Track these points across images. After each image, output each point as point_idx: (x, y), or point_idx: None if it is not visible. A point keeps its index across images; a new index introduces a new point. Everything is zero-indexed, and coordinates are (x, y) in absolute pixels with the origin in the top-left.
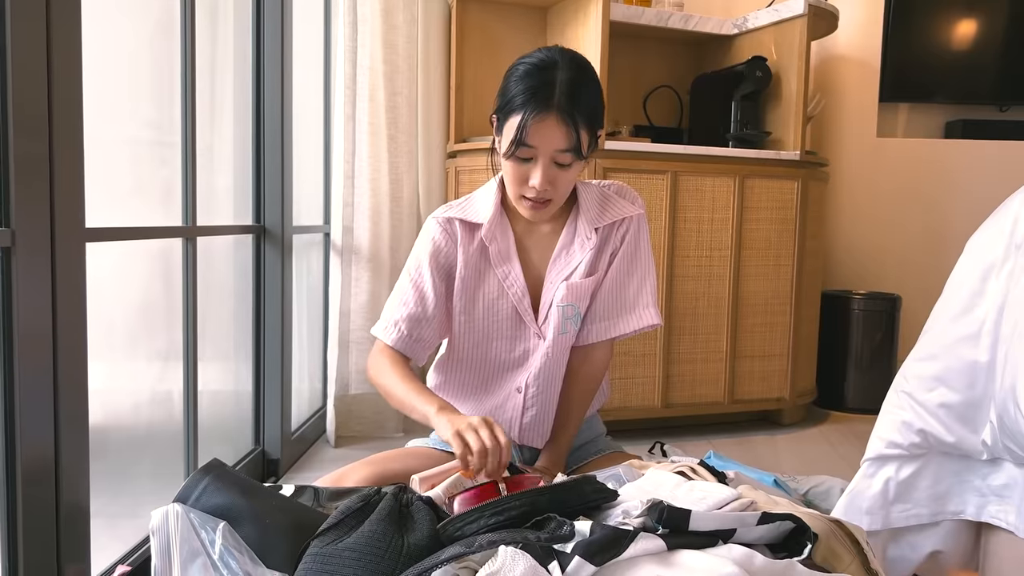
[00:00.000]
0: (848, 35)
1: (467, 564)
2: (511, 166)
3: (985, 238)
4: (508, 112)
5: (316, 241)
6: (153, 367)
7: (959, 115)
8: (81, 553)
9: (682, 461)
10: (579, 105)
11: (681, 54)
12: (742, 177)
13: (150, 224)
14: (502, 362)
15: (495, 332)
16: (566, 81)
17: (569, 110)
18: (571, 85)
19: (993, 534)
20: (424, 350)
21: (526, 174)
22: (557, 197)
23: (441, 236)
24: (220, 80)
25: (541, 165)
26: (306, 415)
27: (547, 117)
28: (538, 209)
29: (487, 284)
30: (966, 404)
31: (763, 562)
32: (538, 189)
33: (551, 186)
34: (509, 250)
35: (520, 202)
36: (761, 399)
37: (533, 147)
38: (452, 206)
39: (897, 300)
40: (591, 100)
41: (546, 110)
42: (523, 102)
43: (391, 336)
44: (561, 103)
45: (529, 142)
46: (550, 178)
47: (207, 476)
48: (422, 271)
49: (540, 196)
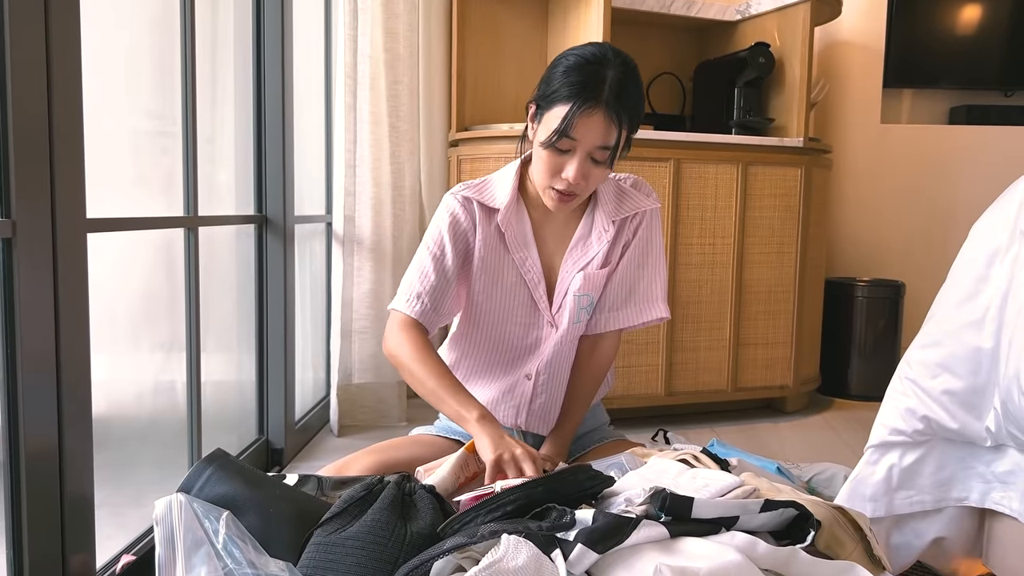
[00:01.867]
0: (852, 20)
1: (470, 554)
2: (547, 156)
3: (989, 224)
4: (552, 102)
5: (318, 230)
6: (156, 357)
7: (963, 100)
8: (86, 543)
9: (685, 449)
10: (625, 105)
11: (683, 40)
12: (745, 164)
13: (152, 214)
14: (515, 347)
15: (510, 316)
16: (616, 79)
17: (616, 108)
18: (620, 84)
19: (997, 520)
20: (442, 320)
21: (561, 166)
22: (584, 193)
23: (460, 211)
24: (221, 69)
25: (578, 159)
26: (310, 404)
27: (594, 112)
28: (564, 202)
29: (505, 268)
30: (970, 391)
31: (766, 549)
32: (571, 182)
33: (583, 180)
34: (526, 236)
35: (546, 192)
36: (764, 387)
37: (575, 140)
38: (470, 186)
39: (901, 287)
40: (637, 101)
41: (595, 105)
42: (571, 94)
43: (414, 308)
44: (610, 100)
45: (572, 134)
46: (584, 172)
47: (211, 466)
48: (443, 244)
49: (570, 190)
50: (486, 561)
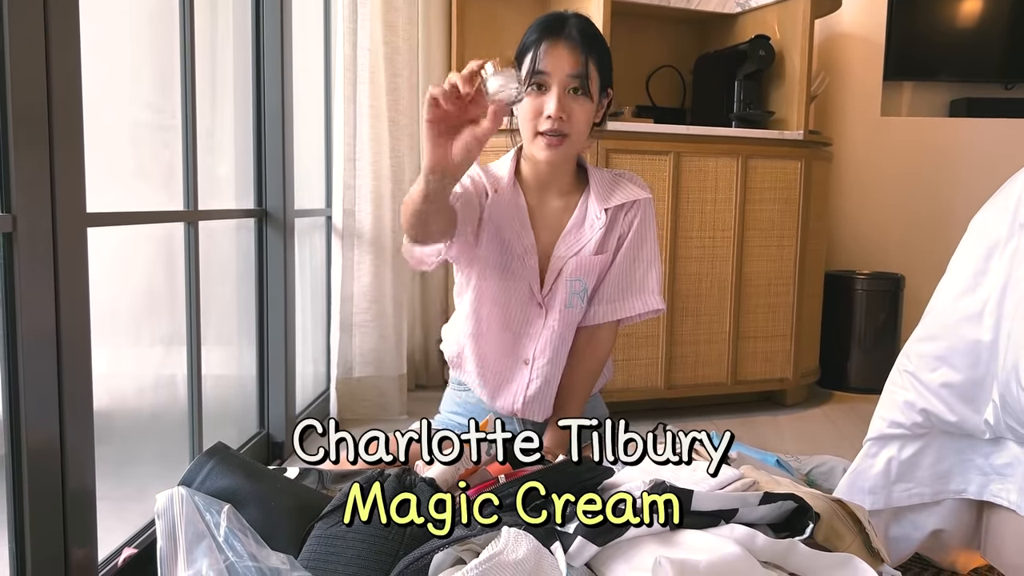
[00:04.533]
0: (852, 13)
1: (470, 546)
2: (528, 102)
3: (989, 217)
4: (524, 52)
5: (318, 224)
6: (157, 351)
7: (964, 93)
8: (88, 536)
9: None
10: (588, 38)
11: (683, 33)
12: (745, 157)
13: (152, 209)
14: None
15: (512, 295)
16: (577, 22)
17: (579, 40)
18: (581, 25)
19: (995, 513)
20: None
21: (541, 105)
22: (573, 133)
23: (476, 173)
24: (220, 62)
25: (555, 93)
26: (310, 398)
27: (558, 43)
28: (554, 146)
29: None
30: (969, 383)
31: (765, 542)
32: (553, 116)
33: (566, 116)
34: (523, 219)
35: (535, 141)
36: (764, 379)
37: (547, 73)
38: (471, 171)
39: (900, 280)
40: (600, 47)
41: (557, 37)
42: (537, 36)
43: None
44: (571, 33)
45: (542, 67)
46: (564, 107)
47: (212, 459)
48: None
49: (555, 127)
50: (486, 554)
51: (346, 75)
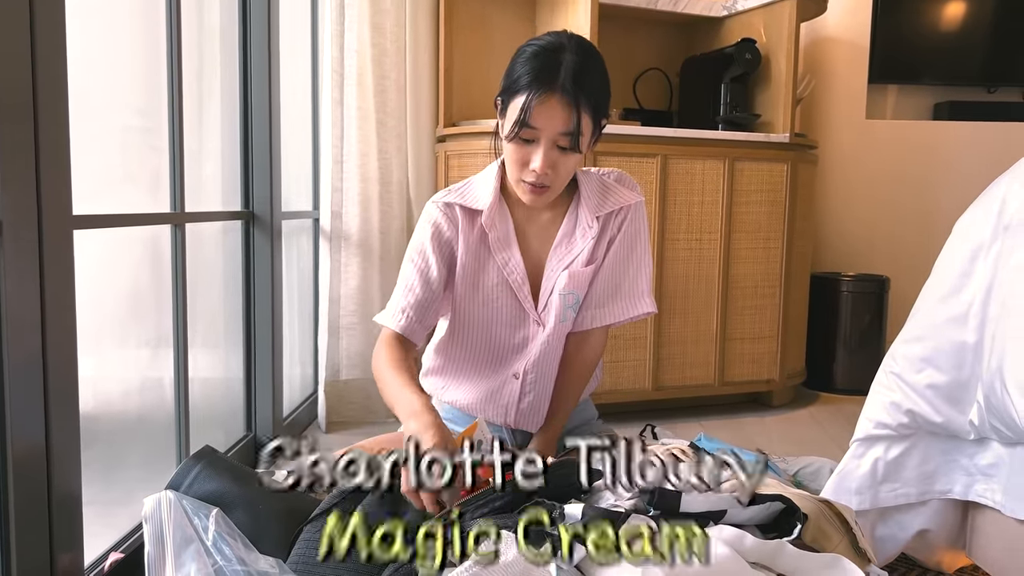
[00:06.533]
0: (837, 16)
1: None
2: (513, 148)
3: (973, 220)
4: (512, 93)
5: (305, 227)
6: (143, 354)
7: (948, 96)
8: (74, 541)
9: (673, 443)
10: (583, 89)
11: (670, 36)
12: (732, 160)
13: (138, 211)
14: (502, 348)
15: (495, 319)
16: (573, 64)
17: (573, 92)
18: (578, 68)
19: (980, 513)
20: (428, 329)
21: (527, 157)
22: (557, 183)
23: (442, 220)
24: (207, 65)
25: (543, 148)
26: (298, 401)
27: (551, 98)
28: (537, 194)
29: (487, 271)
30: (954, 385)
31: (753, 542)
32: (538, 172)
33: (552, 170)
34: (509, 237)
35: (519, 185)
36: (751, 381)
37: (536, 128)
38: (451, 191)
39: (886, 282)
40: (596, 86)
41: (550, 91)
42: (527, 83)
43: (399, 323)
44: (566, 85)
45: (532, 123)
46: (551, 162)
47: (199, 463)
48: (426, 256)
49: (540, 181)
50: (476, 556)
51: (333, 77)
